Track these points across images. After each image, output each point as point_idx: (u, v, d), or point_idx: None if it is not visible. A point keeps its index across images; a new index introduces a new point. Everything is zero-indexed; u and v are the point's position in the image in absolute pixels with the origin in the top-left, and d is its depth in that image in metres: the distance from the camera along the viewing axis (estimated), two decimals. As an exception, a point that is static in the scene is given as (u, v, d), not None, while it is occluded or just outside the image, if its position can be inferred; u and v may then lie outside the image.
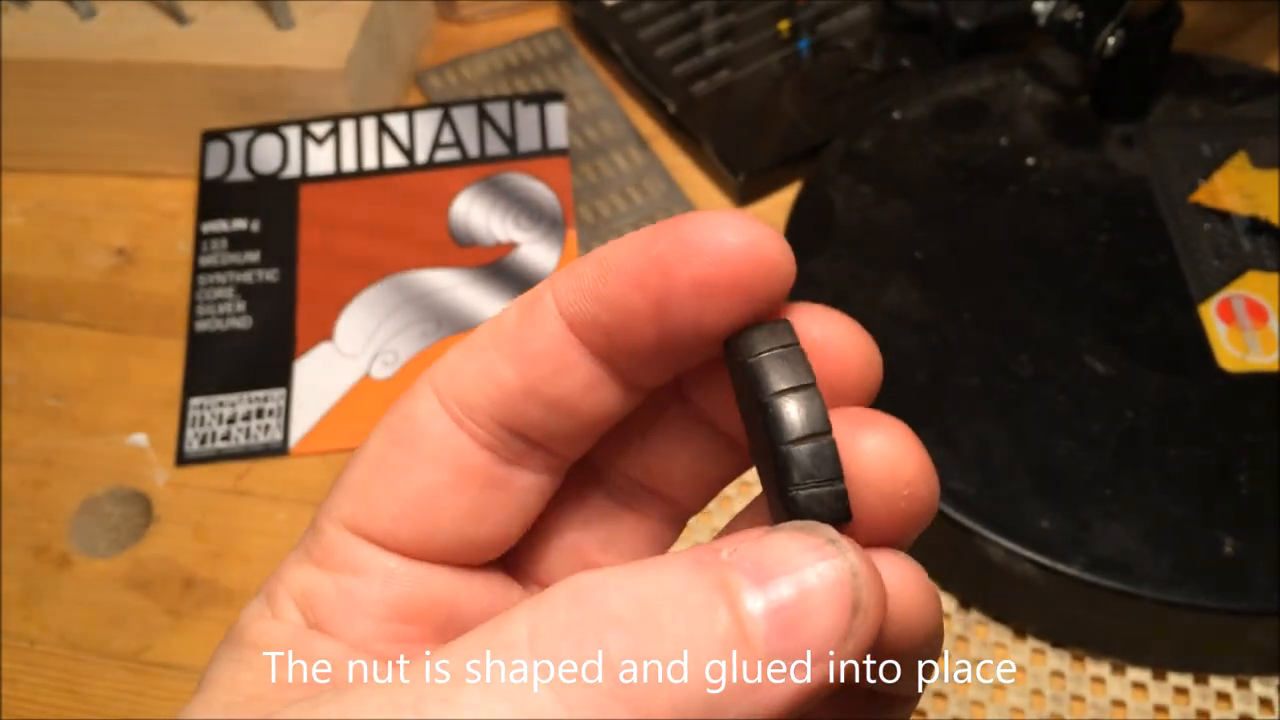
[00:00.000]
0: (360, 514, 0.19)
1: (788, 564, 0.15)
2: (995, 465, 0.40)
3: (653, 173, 0.55)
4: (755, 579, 0.15)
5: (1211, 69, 0.52)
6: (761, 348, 0.17)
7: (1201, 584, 0.37)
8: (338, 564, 0.19)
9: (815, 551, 0.16)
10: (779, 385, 0.16)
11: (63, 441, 0.47)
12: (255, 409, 0.47)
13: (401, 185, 0.52)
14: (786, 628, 0.15)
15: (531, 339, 0.18)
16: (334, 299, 0.49)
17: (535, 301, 0.18)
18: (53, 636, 0.42)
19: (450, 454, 0.19)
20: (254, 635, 0.19)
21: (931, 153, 0.50)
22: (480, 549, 0.19)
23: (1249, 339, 0.43)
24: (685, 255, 0.17)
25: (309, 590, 0.19)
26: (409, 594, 0.19)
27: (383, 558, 0.19)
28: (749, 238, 0.17)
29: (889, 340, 0.44)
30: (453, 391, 0.19)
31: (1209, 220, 0.47)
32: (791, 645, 0.15)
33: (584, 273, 0.18)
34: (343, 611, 0.19)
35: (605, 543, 0.21)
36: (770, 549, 0.16)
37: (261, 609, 0.19)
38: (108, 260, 0.54)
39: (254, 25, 0.54)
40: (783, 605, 0.15)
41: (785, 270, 0.17)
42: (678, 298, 0.17)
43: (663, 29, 0.59)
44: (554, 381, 0.18)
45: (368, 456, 0.19)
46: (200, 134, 0.53)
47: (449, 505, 0.19)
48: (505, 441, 0.19)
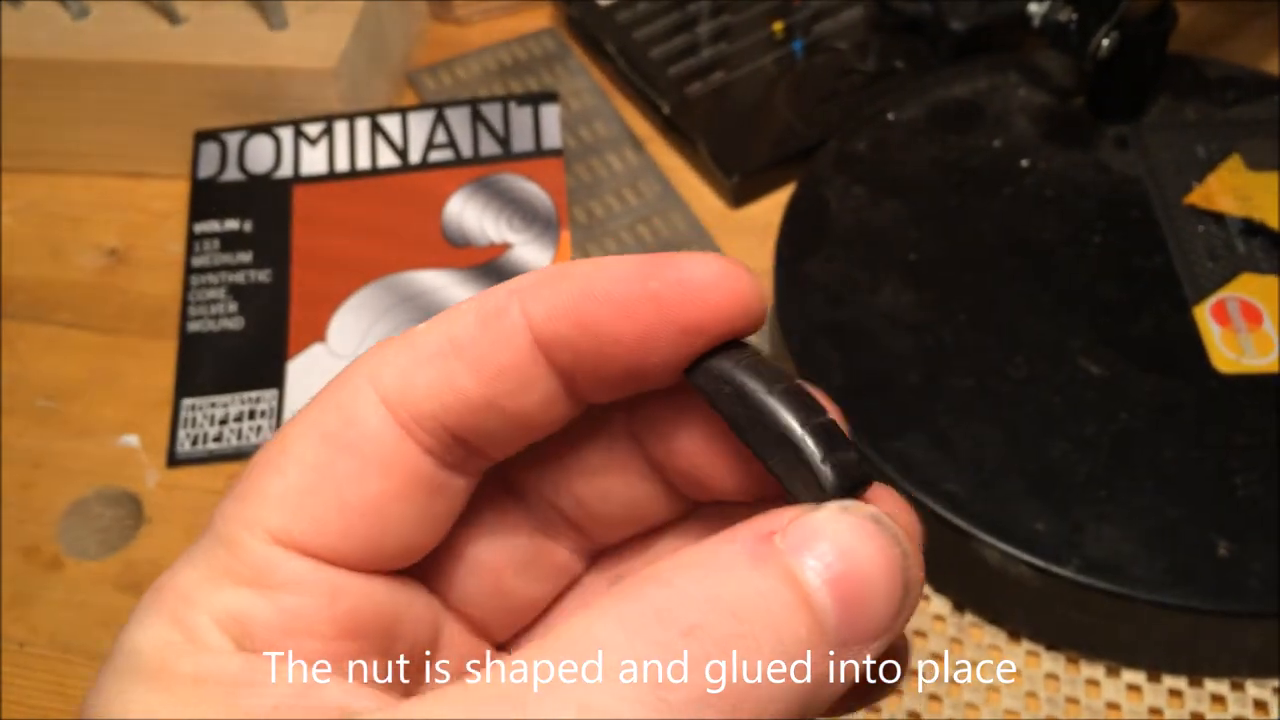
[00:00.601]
0: (297, 526, 0.18)
1: (844, 547, 0.16)
2: (989, 467, 0.40)
3: (647, 174, 0.55)
4: (819, 568, 0.16)
5: (1206, 71, 0.52)
6: (733, 362, 0.18)
7: (1196, 586, 0.37)
8: (274, 582, 0.18)
9: (868, 534, 0.16)
10: (771, 385, 0.18)
11: (53, 442, 0.47)
12: (247, 410, 0.47)
13: (395, 186, 0.52)
14: (854, 615, 0.16)
15: (498, 353, 0.18)
16: (327, 300, 0.49)
17: (500, 313, 0.18)
18: (43, 639, 0.42)
19: (400, 460, 0.18)
20: (188, 669, 0.17)
21: (926, 154, 0.50)
22: (414, 555, 0.19)
23: (1243, 341, 0.43)
24: (684, 297, 0.18)
25: (241, 614, 0.17)
26: (355, 609, 0.18)
27: (325, 572, 0.18)
28: (743, 286, 0.18)
29: (883, 341, 0.44)
30: (403, 398, 0.18)
31: (1203, 222, 0.47)
32: (857, 631, 0.16)
33: (563, 294, 0.18)
34: (285, 634, 0.17)
35: (520, 565, 0.21)
36: (823, 532, 0.16)
37: (169, 636, 0.17)
38: (99, 260, 0.53)
39: (247, 25, 0.54)
40: (849, 594, 0.16)
41: (762, 315, 0.18)
42: (666, 334, 0.18)
43: (657, 30, 0.59)
44: (515, 397, 0.18)
45: (298, 463, 0.18)
46: (193, 134, 0.53)
47: (397, 514, 0.18)
48: (448, 448, 0.18)
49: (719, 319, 0.18)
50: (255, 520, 0.18)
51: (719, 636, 0.15)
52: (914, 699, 0.39)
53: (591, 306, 0.18)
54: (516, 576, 0.21)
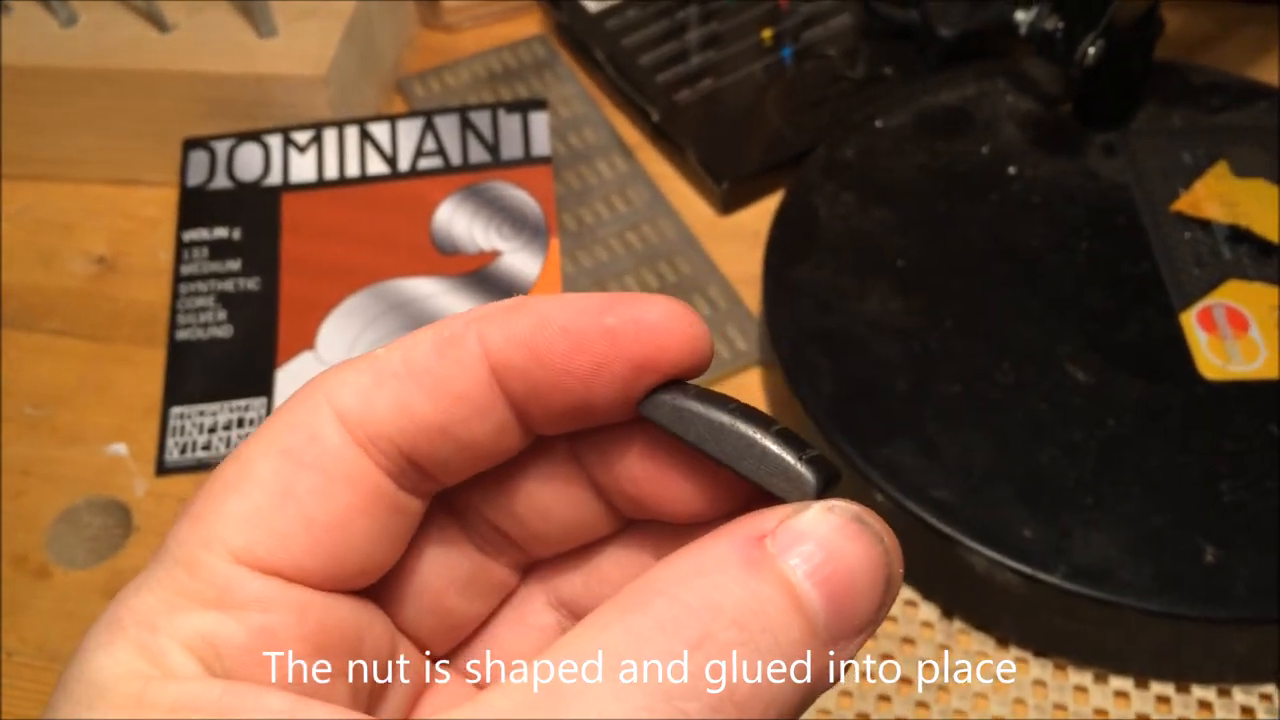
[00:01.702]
0: (262, 544, 0.18)
1: (831, 547, 0.17)
2: (977, 473, 0.40)
3: (636, 181, 0.55)
4: (808, 569, 0.16)
5: (1193, 77, 0.53)
6: (684, 393, 0.19)
7: (1183, 592, 0.37)
8: (240, 602, 0.17)
9: (852, 533, 0.17)
10: (724, 406, 0.19)
11: (41, 451, 0.47)
12: (236, 418, 0.47)
13: (384, 193, 0.52)
14: (842, 612, 0.17)
15: (454, 379, 0.18)
16: (316, 307, 0.49)
17: (456, 341, 0.18)
18: (30, 648, 0.42)
19: (363, 477, 0.18)
20: (165, 699, 0.16)
21: (914, 161, 0.50)
22: (372, 573, 0.19)
23: (1230, 347, 0.43)
24: (638, 334, 0.18)
25: (210, 637, 0.17)
26: (322, 625, 0.18)
27: (292, 591, 0.18)
28: (694, 329, 0.19)
29: (871, 348, 0.44)
30: (361, 418, 0.18)
31: (1190, 229, 0.47)
32: (846, 627, 0.17)
33: (520, 324, 0.18)
34: (256, 654, 0.17)
35: (460, 584, 0.21)
36: (810, 533, 0.17)
37: (135, 665, 0.17)
38: (88, 268, 0.53)
39: (236, 32, 0.54)
40: (837, 591, 0.16)
41: (708, 358, 0.19)
42: (618, 369, 0.18)
43: (646, 37, 0.59)
44: (469, 424, 0.19)
45: (260, 482, 0.18)
46: (182, 141, 0.53)
47: (361, 530, 0.18)
48: (403, 469, 0.19)
49: (669, 358, 0.18)
50: (215, 540, 0.17)
51: (723, 644, 0.16)
52: (903, 705, 0.39)
53: (547, 337, 0.18)
54: (458, 595, 0.21)
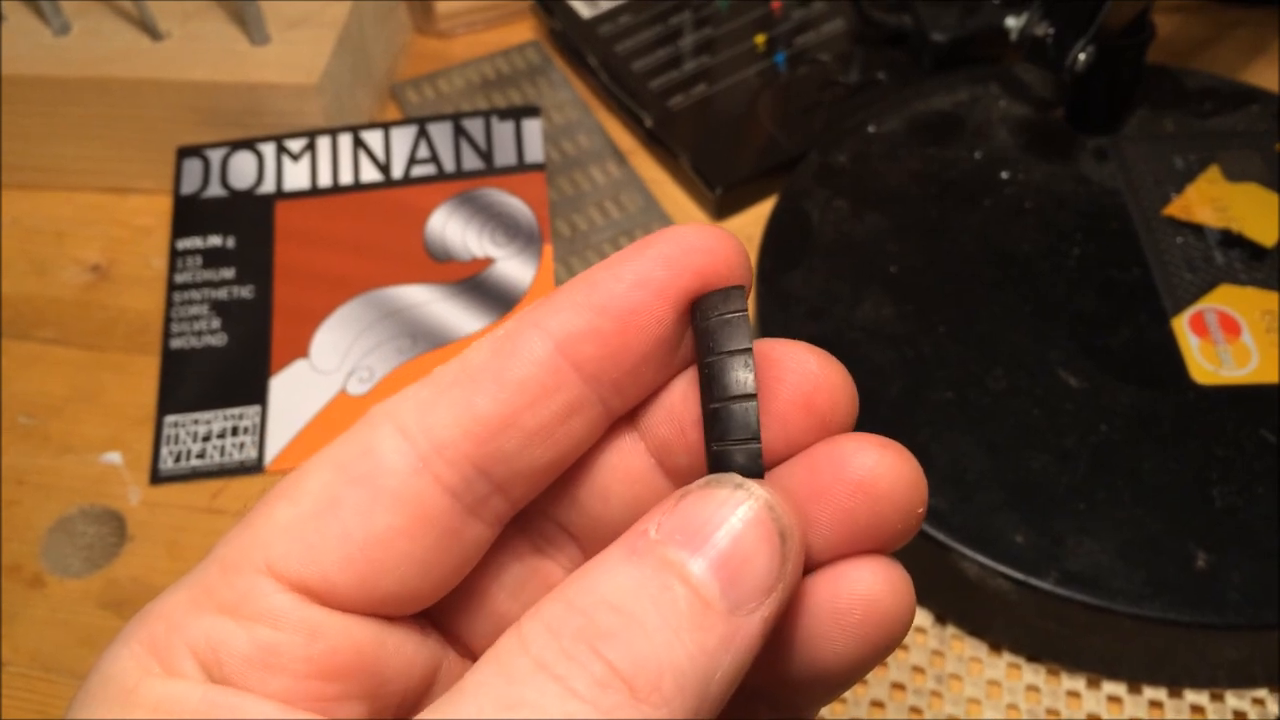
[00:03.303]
0: (294, 556, 0.18)
1: (710, 520, 0.17)
2: (969, 480, 0.40)
3: (630, 186, 0.55)
4: (690, 546, 0.17)
5: (1185, 82, 0.53)
6: (713, 313, 0.19)
7: (1174, 598, 0.38)
8: (253, 613, 0.17)
9: (729, 501, 0.17)
10: (719, 349, 0.18)
11: (35, 460, 0.47)
12: (230, 426, 0.47)
13: (377, 201, 0.52)
14: (734, 577, 0.17)
15: (513, 368, 0.18)
16: (309, 315, 0.49)
17: (512, 335, 0.19)
18: (24, 658, 0.42)
19: (413, 497, 0.18)
20: (151, 697, 0.17)
21: (906, 166, 0.50)
22: (416, 601, 0.19)
23: (1221, 352, 0.43)
24: (680, 244, 0.19)
25: (217, 642, 0.17)
26: (334, 649, 0.18)
27: (306, 609, 0.18)
28: (728, 240, 0.19)
29: (864, 354, 0.44)
30: (422, 428, 0.18)
31: (1182, 233, 0.47)
32: (744, 589, 0.17)
33: (573, 290, 0.19)
34: (258, 668, 0.17)
35: (513, 589, 0.21)
36: (689, 513, 0.17)
37: (145, 663, 0.17)
38: (82, 276, 0.53)
39: (229, 41, 0.54)
40: (723, 559, 0.17)
41: (744, 258, 0.20)
42: (676, 291, 0.19)
43: (640, 43, 0.59)
44: (535, 410, 0.18)
45: (309, 493, 0.18)
46: (175, 150, 0.53)
47: (402, 553, 0.18)
48: (469, 483, 0.18)
49: (718, 263, 0.19)
50: (256, 546, 0.18)
51: (605, 629, 0.16)
52: (896, 710, 0.39)
53: (607, 289, 0.19)
54: (510, 600, 0.21)
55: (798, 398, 0.19)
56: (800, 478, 0.19)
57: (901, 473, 0.19)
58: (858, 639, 0.19)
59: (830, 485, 0.19)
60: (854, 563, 0.19)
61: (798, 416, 0.19)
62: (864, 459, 0.19)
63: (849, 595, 0.19)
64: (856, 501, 0.19)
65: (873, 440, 0.19)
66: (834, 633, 0.19)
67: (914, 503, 0.19)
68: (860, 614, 0.19)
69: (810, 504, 0.19)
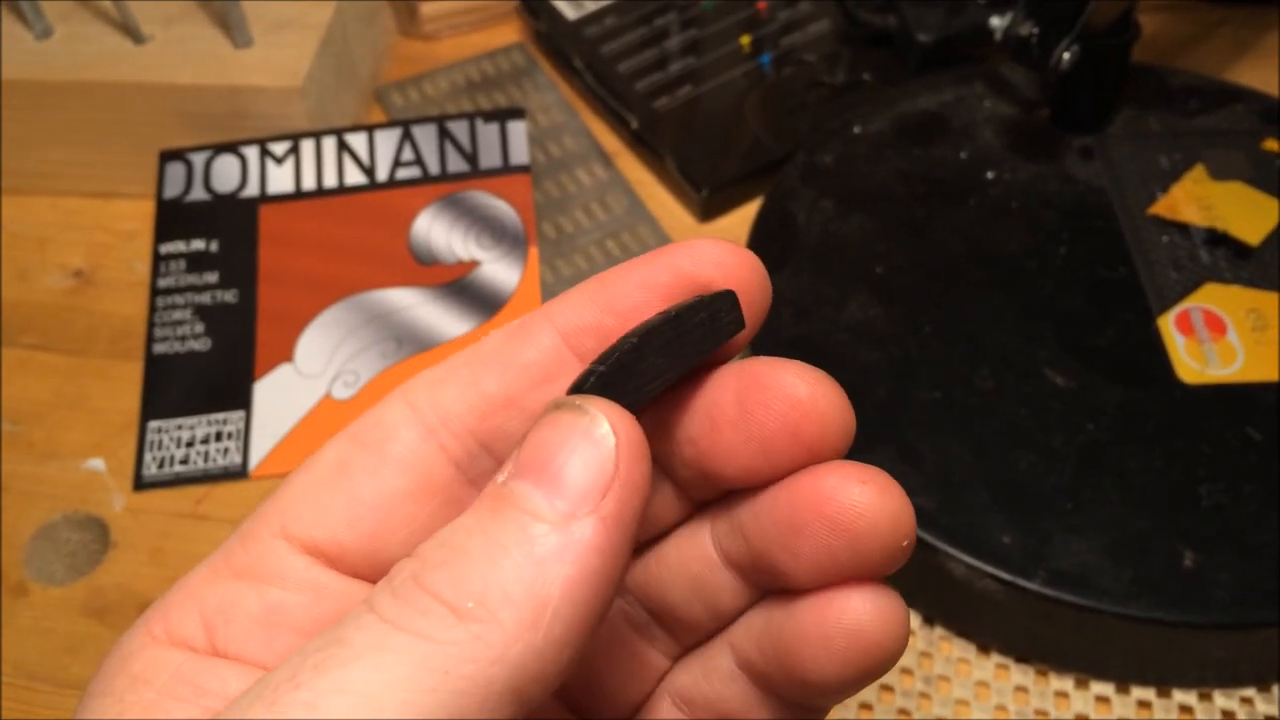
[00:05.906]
0: (306, 519, 0.18)
1: (529, 442, 0.17)
2: (956, 480, 0.40)
3: (615, 188, 0.54)
4: (512, 469, 0.17)
5: (1170, 81, 0.53)
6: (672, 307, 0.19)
7: (1161, 597, 0.37)
8: (265, 574, 0.18)
9: (546, 420, 0.17)
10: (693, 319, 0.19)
11: (18, 466, 0.47)
12: (214, 431, 0.47)
13: (362, 204, 0.52)
14: (554, 485, 0.16)
15: (520, 352, 0.19)
16: (294, 319, 0.49)
17: (523, 324, 0.20)
18: (8, 666, 0.42)
19: (419, 462, 0.19)
20: (137, 666, 0.18)
21: (892, 166, 0.50)
22: None
23: (1207, 351, 0.43)
24: (693, 255, 0.20)
25: (228, 605, 0.18)
26: (338, 611, 0.18)
27: (315, 570, 0.18)
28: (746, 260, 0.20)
29: (851, 355, 0.44)
30: (431, 402, 0.19)
31: (1167, 232, 0.47)
32: (570, 495, 0.16)
33: (586, 288, 0.20)
34: (264, 626, 0.18)
35: None
36: (525, 441, 0.17)
37: (154, 630, 0.18)
38: (64, 281, 0.53)
39: (212, 44, 0.54)
40: (538, 468, 0.17)
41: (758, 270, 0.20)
42: (678, 289, 0.19)
43: (625, 44, 0.59)
44: (537, 392, 0.19)
45: (324, 460, 0.19)
46: (158, 153, 0.53)
47: (407, 516, 0.19)
48: (473, 457, 0.19)
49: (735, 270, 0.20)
50: (274, 513, 0.19)
51: (432, 564, 0.16)
52: (885, 711, 0.39)
53: (616, 287, 0.19)
54: None
55: (784, 426, 0.19)
56: (781, 510, 0.19)
57: (885, 509, 0.18)
58: (845, 664, 0.19)
59: (809, 521, 0.18)
60: (842, 591, 0.19)
61: (783, 443, 0.19)
62: (844, 496, 0.18)
63: (835, 624, 0.19)
64: (836, 539, 0.18)
65: (855, 474, 0.19)
66: (822, 657, 0.19)
67: (897, 538, 0.18)
68: (844, 642, 0.19)
69: (790, 537, 0.19)
